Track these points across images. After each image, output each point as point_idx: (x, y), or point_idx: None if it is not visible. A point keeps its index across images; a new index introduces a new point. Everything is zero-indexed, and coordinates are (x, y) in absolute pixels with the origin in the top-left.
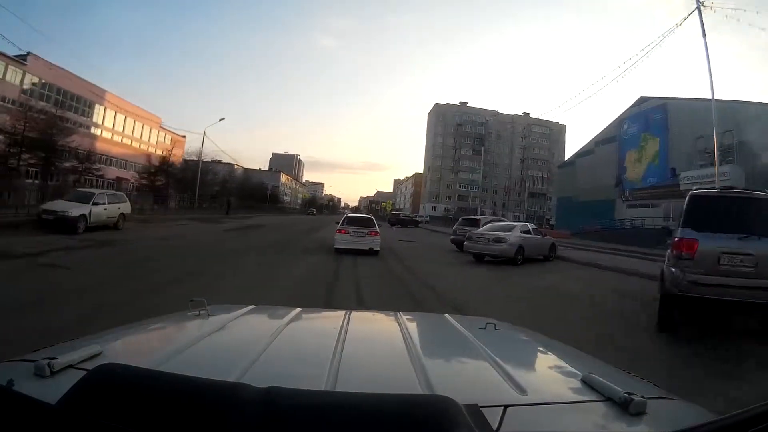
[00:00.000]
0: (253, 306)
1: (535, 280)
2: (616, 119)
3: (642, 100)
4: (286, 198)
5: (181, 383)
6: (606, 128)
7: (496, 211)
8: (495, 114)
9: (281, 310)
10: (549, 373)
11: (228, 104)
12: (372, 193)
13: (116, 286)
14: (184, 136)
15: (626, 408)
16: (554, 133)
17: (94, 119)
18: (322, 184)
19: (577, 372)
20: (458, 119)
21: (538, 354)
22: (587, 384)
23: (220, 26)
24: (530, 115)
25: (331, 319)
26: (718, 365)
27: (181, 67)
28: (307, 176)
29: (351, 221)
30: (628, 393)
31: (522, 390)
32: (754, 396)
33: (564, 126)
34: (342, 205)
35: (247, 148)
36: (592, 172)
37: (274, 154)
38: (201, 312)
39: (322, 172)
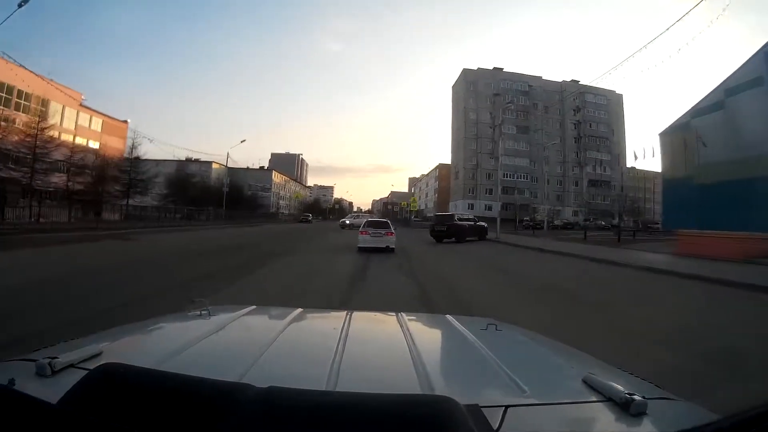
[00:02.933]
0: (253, 306)
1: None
2: (759, 50)
3: None
4: (283, 202)
5: (181, 383)
6: (742, 68)
7: (552, 206)
8: (539, 79)
9: (282, 311)
10: (550, 373)
11: (234, 112)
12: (385, 195)
13: None
14: (125, 122)
15: (627, 408)
16: (612, 104)
17: None
18: (331, 187)
19: (578, 372)
20: (494, 87)
21: (539, 354)
22: (588, 384)
23: (228, 33)
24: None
25: (331, 320)
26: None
27: (182, 76)
28: (317, 181)
29: (370, 224)
30: (629, 393)
31: (522, 390)
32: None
33: (621, 96)
34: (354, 208)
35: (250, 157)
36: (729, 136)
37: (273, 155)
38: (202, 312)
39: (333, 177)
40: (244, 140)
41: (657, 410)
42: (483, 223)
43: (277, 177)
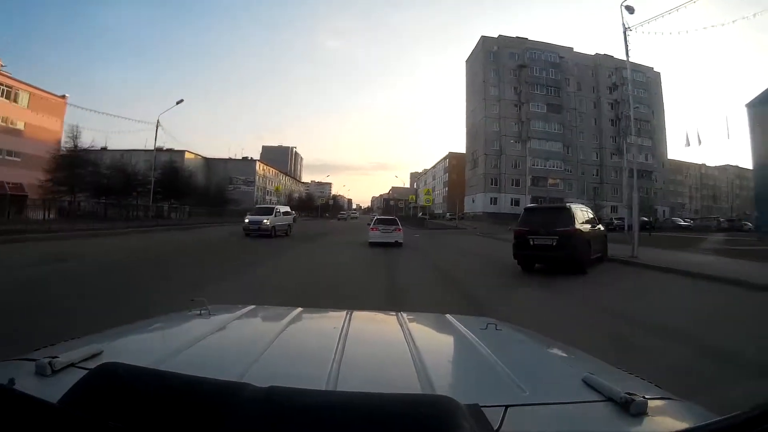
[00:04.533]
0: (253, 306)
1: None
2: None
3: None
4: (271, 198)
5: (182, 382)
6: None
7: (587, 200)
8: (570, 51)
9: (282, 310)
10: (550, 373)
11: (231, 111)
12: (384, 191)
13: None
14: (63, 96)
15: (627, 408)
16: (651, 82)
17: None
18: (329, 184)
19: (578, 372)
20: (519, 58)
21: (539, 354)
22: (588, 384)
23: (224, 29)
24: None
25: (331, 319)
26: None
27: (181, 74)
28: (315, 179)
29: (380, 222)
30: (628, 393)
31: (523, 390)
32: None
33: (659, 74)
34: (354, 205)
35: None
36: None
37: (264, 147)
38: (202, 311)
39: (331, 175)
40: (181, 100)
41: (657, 410)
42: (601, 227)
43: (263, 169)
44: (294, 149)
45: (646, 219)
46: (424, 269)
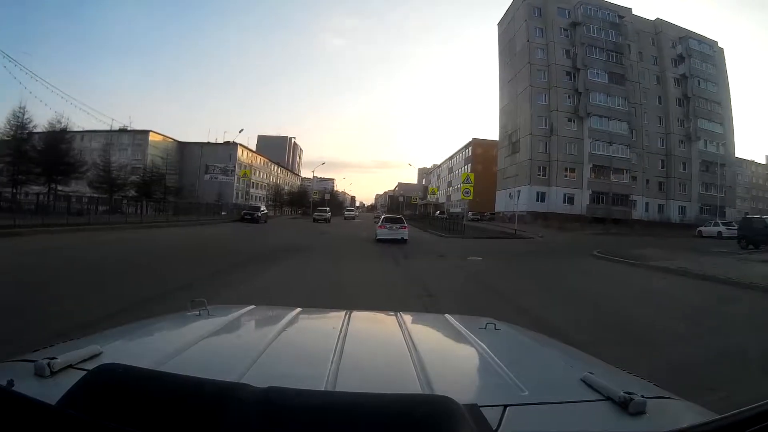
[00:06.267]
0: (253, 306)
1: None
2: None
3: None
4: (257, 192)
5: (180, 383)
6: None
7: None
8: (629, 12)
9: (281, 310)
10: (548, 372)
11: (230, 109)
12: (387, 189)
13: None
14: None
15: (626, 407)
16: (717, 57)
17: None
18: (332, 180)
19: (577, 372)
20: (572, 15)
21: (538, 354)
22: (587, 384)
23: (222, 26)
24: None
25: (331, 319)
26: None
27: (182, 74)
28: (318, 174)
29: (387, 220)
30: (627, 392)
31: (521, 390)
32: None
33: (722, 49)
34: (357, 203)
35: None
36: None
37: (260, 137)
38: (201, 312)
39: (334, 172)
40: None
41: (656, 409)
42: None
43: (248, 156)
44: (293, 140)
45: None
46: None
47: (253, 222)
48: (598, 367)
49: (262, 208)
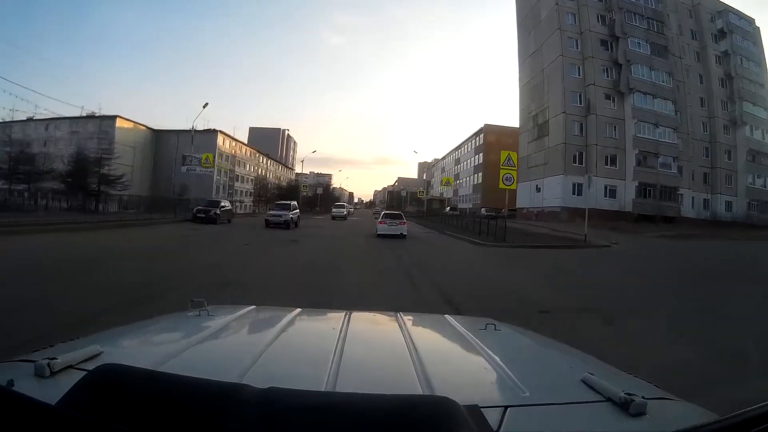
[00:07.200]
0: (253, 306)
1: None
2: None
3: None
4: (242, 186)
5: (180, 384)
6: None
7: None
8: None
9: (281, 311)
10: (549, 373)
11: (229, 106)
12: (386, 185)
13: None
14: None
15: (626, 408)
16: (756, 34)
17: None
18: (329, 175)
19: (577, 372)
20: None
21: (538, 354)
22: (587, 384)
23: (222, 22)
24: None
25: (331, 320)
26: None
27: (180, 73)
28: (315, 170)
29: (387, 216)
30: (628, 393)
31: (522, 390)
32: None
33: (759, 28)
34: (356, 199)
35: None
36: None
37: (251, 129)
38: (201, 312)
39: (332, 168)
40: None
41: (656, 410)
42: None
43: (230, 146)
44: (287, 132)
45: None
46: None
47: (208, 222)
48: (598, 367)
49: (223, 204)
